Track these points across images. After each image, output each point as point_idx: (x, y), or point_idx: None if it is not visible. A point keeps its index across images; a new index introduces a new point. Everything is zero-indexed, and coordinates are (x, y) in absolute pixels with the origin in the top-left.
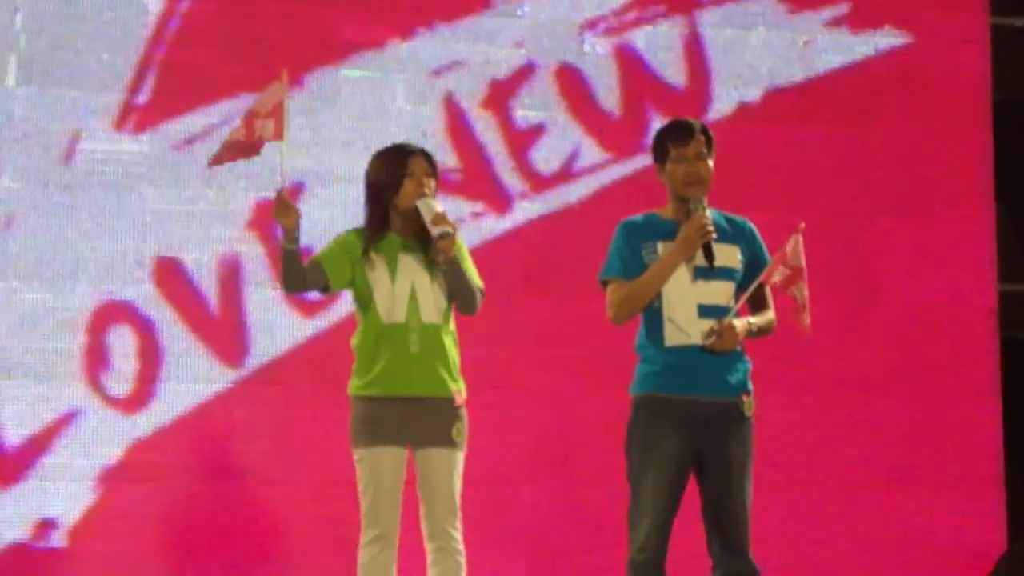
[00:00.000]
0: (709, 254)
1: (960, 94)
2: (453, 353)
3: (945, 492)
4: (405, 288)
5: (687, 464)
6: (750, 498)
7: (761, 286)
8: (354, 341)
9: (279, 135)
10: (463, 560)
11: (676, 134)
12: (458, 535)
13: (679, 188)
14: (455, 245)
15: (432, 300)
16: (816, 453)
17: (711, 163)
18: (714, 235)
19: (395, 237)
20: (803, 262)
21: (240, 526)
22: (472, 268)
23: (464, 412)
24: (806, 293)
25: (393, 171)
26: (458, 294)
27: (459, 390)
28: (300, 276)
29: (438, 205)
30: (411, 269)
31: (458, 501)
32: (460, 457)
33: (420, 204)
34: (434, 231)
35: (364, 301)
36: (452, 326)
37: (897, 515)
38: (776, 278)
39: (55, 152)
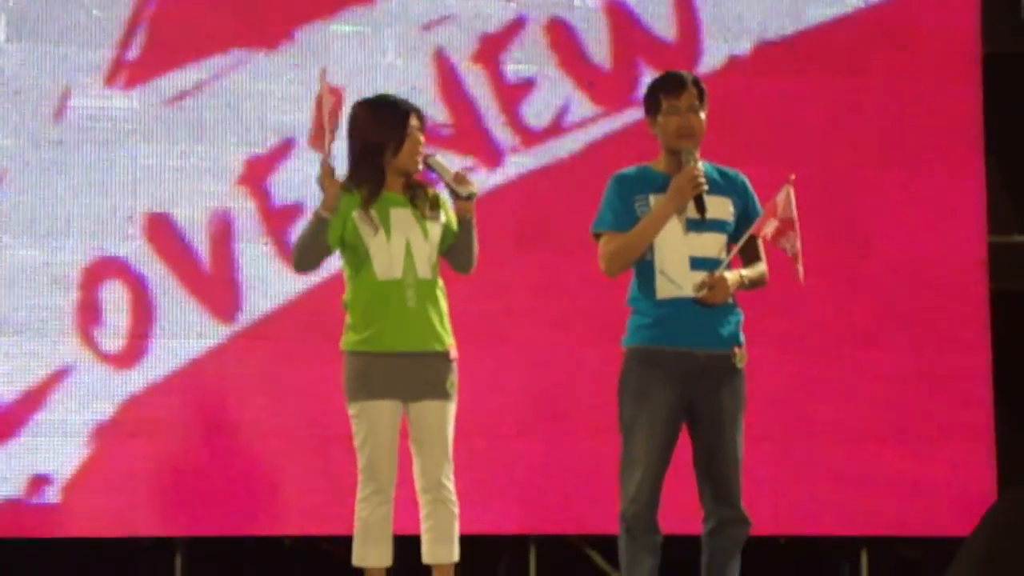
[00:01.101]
0: (701, 206)
1: (949, 46)
2: (443, 306)
3: (935, 443)
4: (400, 244)
5: (679, 416)
6: (741, 449)
7: (753, 238)
8: (347, 297)
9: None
10: (457, 511)
11: (668, 86)
12: (451, 486)
13: (671, 140)
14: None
15: (426, 255)
16: (806, 404)
17: (703, 115)
18: (706, 187)
19: (386, 192)
20: (794, 214)
21: (233, 481)
22: None
23: (455, 366)
24: (798, 245)
25: (395, 131)
26: (464, 253)
27: (452, 343)
28: (323, 247)
29: (446, 162)
30: (405, 225)
31: (451, 453)
32: (452, 408)
33: (434, 163)
34: (460, 191)
35: (358, 258)
36: (440, 279)
37: (887, 466)
38: (767, 230)
39: (46, 109)
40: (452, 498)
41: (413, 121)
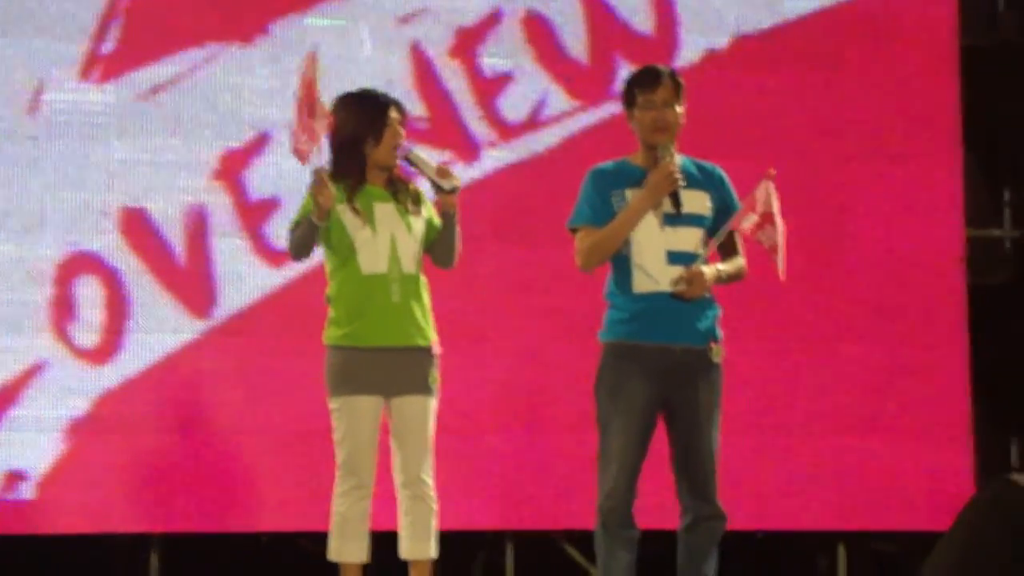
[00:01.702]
0: (676, 201)
1: (927, 39)
2: (427, 301)
3: (913, 437)
4: (386, 239)
5: (655, 410)
6: (718, 444)
7: (731, 232)
8: (330, 291)
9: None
10: (436, 507)
11: (643, 80)
12: (431, 482)
13: (647, 135)
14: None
15: (410, 250)
16: (784, 399)
17: (680, 109)
18: (681, 183)
19: (369, 187)
20: (774, 208)
21: (209, 477)
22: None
23: (437, 361)
24: (777, 239)
25: (372, 122)
26: (446, 248)
27: (436, 339)
28: (311, 248)
29: (426, 156)
30: (389, 219)
31: (431, 449)
32: (434, 404)
33: (414, 157)
34: (444, 184)
35: (343, 252)
36: (423, 275)
37: (865, 461)
38: (746, 224)
39: (19, 103)
40: (431, 494)
41: (393, 114)
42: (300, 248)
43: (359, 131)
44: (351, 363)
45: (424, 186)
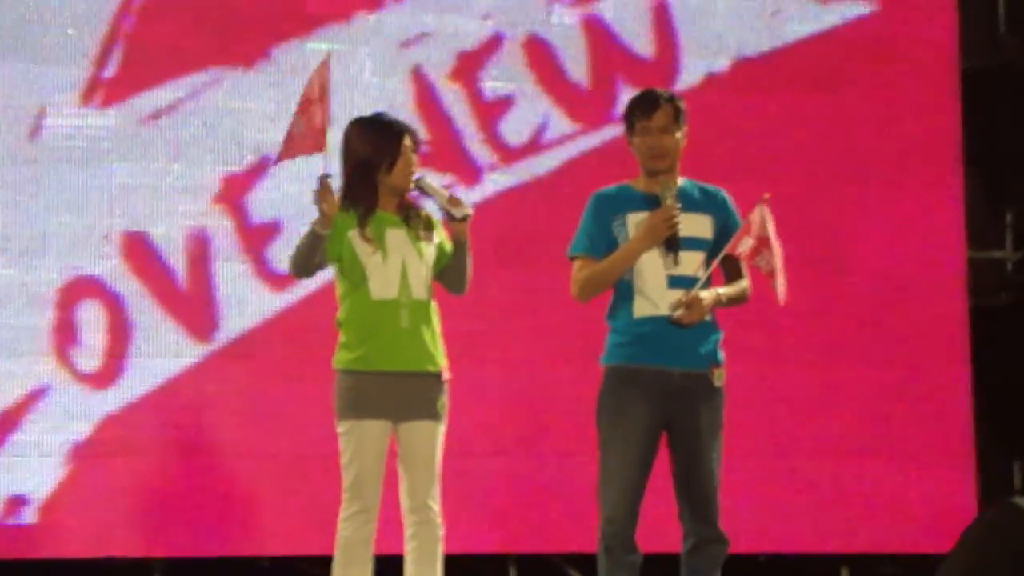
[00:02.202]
0: (674, 247)
1: (928, 62)
2: (436, 327)
3: (915, 460)
4: (396, 265)
5: (656, 435)
6: (720, 468)
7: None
8: (341, 316)
9: (318, 123)
10: (441, 532)
11: (641, 106)
12: (438, 507)
13: (644, 161)
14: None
15: (421, 276)
16: (786, 421)
17: (679, 134)
18: (680, 228)
19: (380, 213)
20: (771, 232)
21: (211, 501)
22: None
23: (447, 386)
24: (775, 263)
25: (387, 149)
26: (458, 274)
27: (445, 365)
28: (316, 263)
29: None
30: (400, 245)
31: (439, 474)
32: (442, 430)
33: (426, 185)
34: (456, 212)
35: (355, 278)
36: (433, 301)
37: (868, 482)
38: (742, 248)
39: (21, 127)
40: (437, 520)
41: (407, 140)
42: (302, 261)
43: (373, 157)
44: (360, 387)
45: (435, 210)
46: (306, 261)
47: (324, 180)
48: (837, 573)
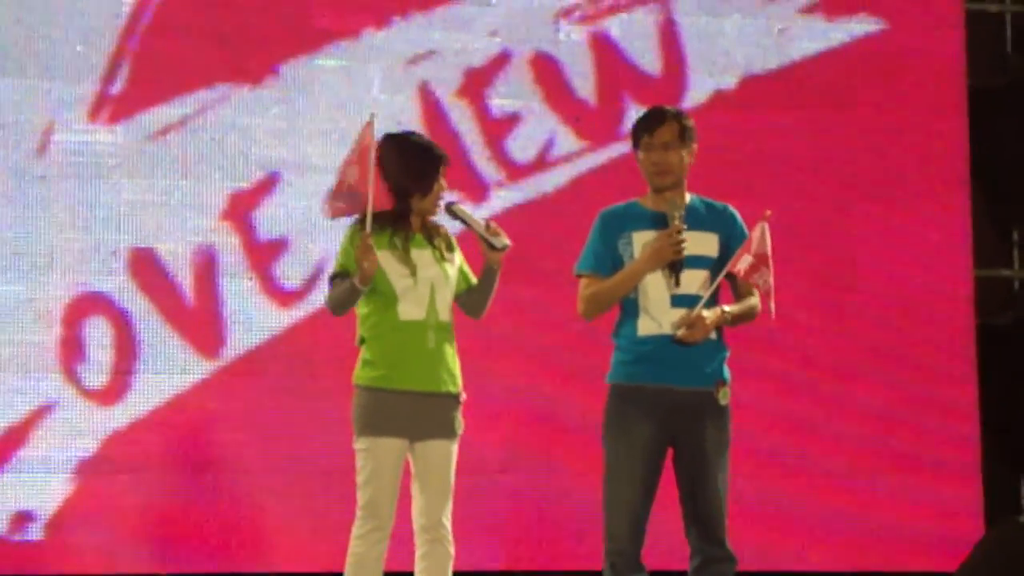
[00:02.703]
0: (677, 271)
1: (935, 80)
2: (455, 348)
3: (922, 478)
4: (426, 287)
5: (661, 453)
6: (726, 487)
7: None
8: (364, 333)
9: (362, 184)
10: (452, 551)
11: (646, 122)
12: (449, 526)
13: (649, 177)
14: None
15: (446, 298)
16: (793, 439)
17: (685, 152)
18: (684, 252)
19: (414, 235)
20: (768, 250)
21: (217, 517)
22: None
23: (462, 406)
24: (771, 281)
25: (424, 177)
26: (482, 299)
27: (461, 384)
28: (353, 307)
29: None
30: (428, 266)
31: (451, 492)
32: (455, 449)
33: (460, 212)
34: (496, 243)
35: (383, 298)
36: (452, 324)
37: (874, 501)
38: (741, 266)
39: (29, 144)
40: (449, 538)
41: (441, 168)
42: (340, 308)
43: (410, 184)
44: (380, 405)
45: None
46: (344, 309)
47: (366, 239)
48: None
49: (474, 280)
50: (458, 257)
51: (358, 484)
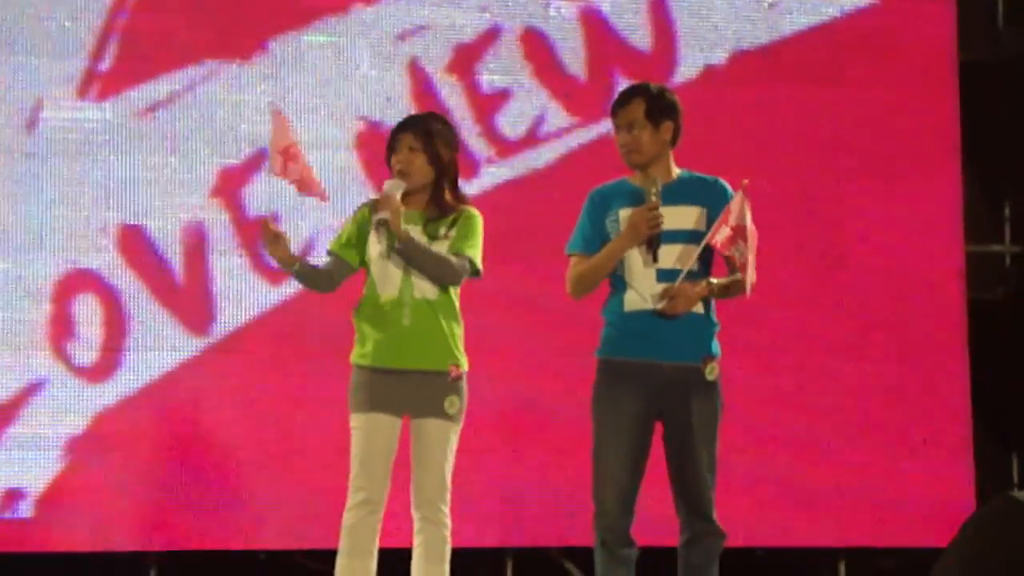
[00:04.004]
0: (654, 247)
1: (926, 55)
2: (448, 326)
3: (913, 453)
4: (399, 264)
5: (648, 427)
6: (715, 461)
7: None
8: (354, 311)
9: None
10: (448, 534)
11: (615, 102)
12: (446, 508)
13: (622, 158)
14: (400, 230)
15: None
16: (783, 415)
17: (656, 128)
18: (661, 227)
19: (412, 211)
20: (747, 221)
21: (207, 495)
22: (469, 239)
23: (462, 385)
24: (748, 254)
25: (388, 147)
26: (421, 272)
27: (456, 363)
28: (323, 282)
29: (400, 188)
30: None
31: (448, 476)
32: (454, 430)
33: (386, 184)
34: (377, 215)
35: (370, 276)
36: (452, 300)
37: (866, 477)
38: (718, 238)
39: (17, 120)
40: (444, 520)
41: (400, 138)
42: (310, 288)
43: (388, 158)
44: (367, 382)
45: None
46: (313, 289)
47: (266, 224)
48: (835, 567)
49: (471, 253)
50: (454, 234)
51: (351, 459)
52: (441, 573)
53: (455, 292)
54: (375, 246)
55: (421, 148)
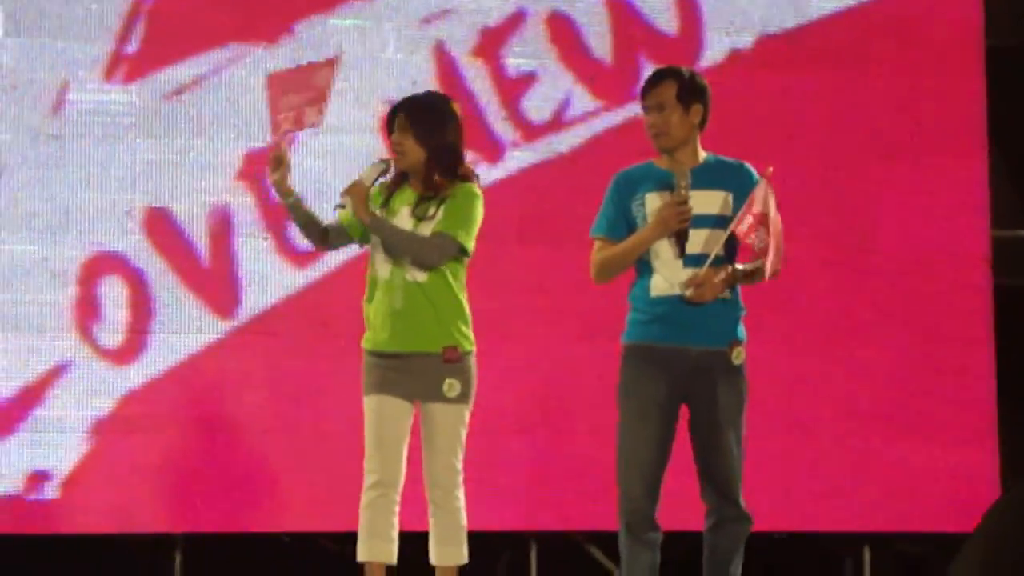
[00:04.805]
0: (682, 240)
1: (953, 39)
2: (442, 308)
3: (938, 438)
4: None
5: (673, 412)
6: (742, 446)
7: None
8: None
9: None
10: (461, 518)
11: (645, 85)
12: (457, 492)
13: (651, 140)
14: (364, 215)
15: None
16: (809, 400)
17: (686, 111)
18: (689, 220)
19: (409, 191)
20: (771, 207)
21: (232, 477)
22: (454, 217)
23: (464, 367)
24: (768, 240)
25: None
26: (397, 255)
27: (454, 345)
28: (316, 233)
29: (374, 173)
30: (402, 225)
31: (457, 458)
32: (459, 413)
33: (364, 169)
34: (340, 200)
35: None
36: (448, 280)
37: (891, 462)
38: (741, 226)
39: (44, 103)
40: (456, 504)
41: (395, 120)
42: (301, 231)
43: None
44: (374, 366)
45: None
46: (303, 233)
47: (276, 150)
48: (860, 551)
49: (455, 231)
50: (440, 214)
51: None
52: (457, 556)
53: (452, 273)
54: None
55: (410, 128)
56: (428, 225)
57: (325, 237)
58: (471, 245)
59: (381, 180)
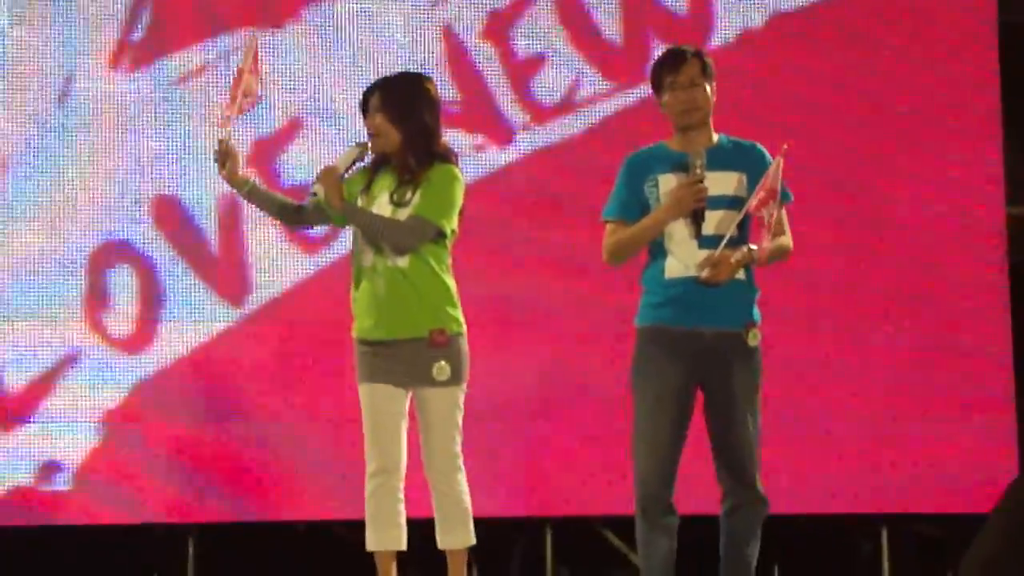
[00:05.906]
0: (698, 220)
1: (966, 16)
2: (425, 292)
3: (955, 419)
4: None
5: (689, 395)
6: (758, 428)
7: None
8: None
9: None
10: (463, 501)
11: (669, 63)
12: (457, 475)
13: (677, 117)
14: (336, 203)
15: None
16: (824, 382)
17: (709, 89)
18: (705, 201)
19: (389, 175)
20: (779, 184)
21: (245, 466)
22: (429, 199)
23: (453, 349)
24: (776, 214)
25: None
26: (373, 241)
27: (441, 328)
28: (287, 212)
29: (349, 158)
30: (381, 211)
31: (454, 442)
32: (451, 396)
33: (340, 155)
34: (311, 189)
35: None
36: (430, 264)
37: (907, 443)
38: (754, 202)
39: (51, 92)
40: (457, 488)
41: (371, 101)
42: (269, 216)
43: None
44: (363, 354)
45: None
46: (272, 215)
47: (221, 143)
48: (877, 534)
49: (433, 216)
50: (416, 199)
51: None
52: (463, 539)
53: (434, 256)
54: None
55: (383, 109)
56: (406, 211)
57: (298, 216)
58: (450, 226)
59: (359, 164)
